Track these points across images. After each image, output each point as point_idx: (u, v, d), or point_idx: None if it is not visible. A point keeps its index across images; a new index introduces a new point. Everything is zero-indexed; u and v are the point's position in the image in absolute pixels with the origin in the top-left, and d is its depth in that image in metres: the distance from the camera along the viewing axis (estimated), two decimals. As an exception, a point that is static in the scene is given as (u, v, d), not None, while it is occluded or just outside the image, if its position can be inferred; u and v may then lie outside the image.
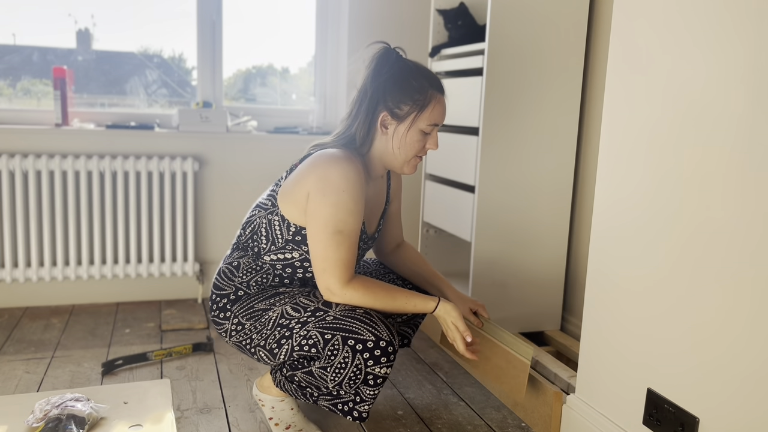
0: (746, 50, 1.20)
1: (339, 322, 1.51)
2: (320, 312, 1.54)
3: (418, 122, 1.59)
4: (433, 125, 1.62)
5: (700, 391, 1.32)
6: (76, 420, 1.61)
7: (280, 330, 1.57)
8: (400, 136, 1.60)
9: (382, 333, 1.49)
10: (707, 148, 1.28)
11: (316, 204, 1.53)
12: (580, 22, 2.21)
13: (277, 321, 1.58)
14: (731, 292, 1.24)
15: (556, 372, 1.94)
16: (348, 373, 1.50)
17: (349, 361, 1.49)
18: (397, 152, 1.62)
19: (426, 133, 1.62)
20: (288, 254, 1.64)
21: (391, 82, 1.59)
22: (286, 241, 1.63)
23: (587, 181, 2.30)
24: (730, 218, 1.24)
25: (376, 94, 1.59)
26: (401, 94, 1.58)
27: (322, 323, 1.52)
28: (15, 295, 2.71)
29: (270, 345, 1.59)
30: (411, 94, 1.58)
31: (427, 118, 1.60)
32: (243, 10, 2.98)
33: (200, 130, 2.79)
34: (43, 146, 2.64)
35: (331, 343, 1.50)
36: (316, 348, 1.52)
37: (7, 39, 2.74)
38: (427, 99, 1.59)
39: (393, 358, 1.50)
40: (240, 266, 1.67)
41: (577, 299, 2.38)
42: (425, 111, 1.59)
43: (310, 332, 1.53)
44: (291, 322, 1.56)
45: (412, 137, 1.60)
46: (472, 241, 2.25)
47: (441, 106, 1.62)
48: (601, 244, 1.60)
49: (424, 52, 3.07)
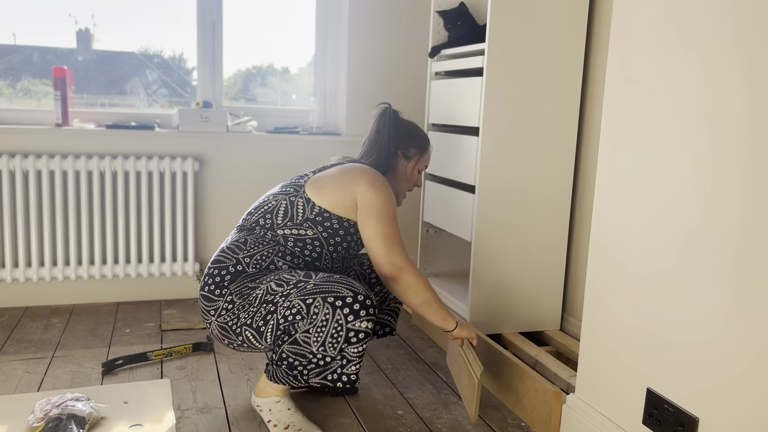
0: (746, 51, 1.20)
1: (319, 287, 1.66)
2: (301, 283, 1.68)
3: (420, 163, 2.05)
4: (425, 167, 2.08)
5: (700, 391, 1.32)
6: (77, 420, 1.61)
7: (265, 306, 1.69)
8: (408, 172, 2.05)
9: (359, 289, 1.65)
10: (707, 149, 1.29)
11: (372, 197, 1.81)
12: (580, 22, 2.21)
13: (263, 298, 1.70)
14: (731, 292, 1.24)
15: (556, 372, 1.94)
16: (330, 330, 1.63)
17: (330, 317, 1.63)
18: (401, 184, 2.05)
19: (419, 173, 2.08)
20: (303, 231, 1.80)
21: (403, 132, 2.03)
22: (306, 219, 1.80)
23: (587, 181, 2.30)
24: (729, 219, 1.24)
25: (392, 134, 2.01)
26: (410, 141, 2.03)
27: (303, 291, 1.66)
28: (15, 294, 2.71)
29: (257, 323, 1.70)
30: (417, 143, 2.05)
31: (425, 160, 2.07)
32: (243, 10, 2.98)
33: (200, 130, 2.79)
34: (44, 146, 2.64)
35: (313, 305, 1.64)
36: (300, 314, 1.65)
37: (7, 39, 2.74)
38: (425, 146, 2.06)
39: (372, 312, 1.65)
40: (247, 242, 1.80)
41: (577, 299, 2.38)
42: (425, 155, 2.06)
43: (293, 302, 1.66)
44: (275, 297, 1.68)
45: (413, 174, 2.06)
46: (472, 241, 2.25)
47: (429, 155, 2.11)
48: (601, 244, 1.60)
49: (424, 52, 3.07)
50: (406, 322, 2.71)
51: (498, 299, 2.30)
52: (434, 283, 2.62)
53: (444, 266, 2.77)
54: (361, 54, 3.01)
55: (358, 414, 1.87)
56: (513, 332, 2.33)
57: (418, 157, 2.03)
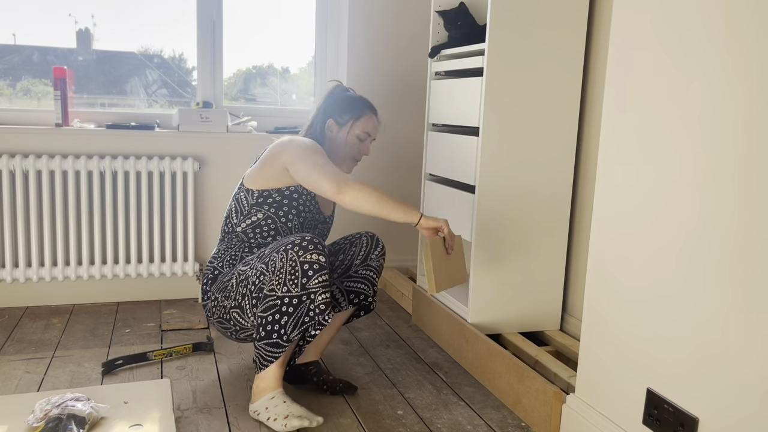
0: (746, 52, 1.20)
1: (274, 247, 1.80)
2: (261, 252, 1.84)
3: (354, 129, 2.07)
4: (366, 134, 2.09)
5: (700, 391, 1.32)
6: (77, 420, 1.61)
7: (241, 285, 1.86)
8: (342, 139, 2.08)
9: (305, 235, 1.78)
10: (707, 149, 1.29)
11: (293, 149, 1.90)
12: (580, 22, 2.21)
13: (237, 281, 1.87)
14: (731, 292, 1.24)
15: (556, 372, 1.94)
16: (286, 269, 1.73)
17: (284, 259, 1.74)
18: (339, 152, 2.08)
19: (361, 140, 2.09)
20: (253, 217, 1.96)
21: (338, 100, 2.11)
22: (251, 206, 1.96)
23: (587, 181, 2.30)
24: (729, 218, 1.24)
25: (325, 109, 2.10)
26: (343, 108, 2.09)
27: (261, 256, 1.82)
28: (15, 294, 2.71)
29: (237, 301, 1.86)
30: (350, 109, 2.09)
31: (361, 126, 2.08)
32: (243, 10, 2.98)
33: (200, 130, 2.79)
34: (44, 146, 2.64)
35: (269, 260, 1.77)
36: (264, 273, 1.78)
37: (7, 39, 2.74)
38: (361, 113, 2.09)
39: (321, 248, 1.76)
40: (219, 250, 2.02)
41: (577, 299, 2.38)
42: (360, 121, 2.08)
43: (256, 267, 1.81)
44: (244, 275, 1.85)
45: (350, 141, 2.08)
46: (472, 241, 2.25)
47: (372, 121, 2.11)
48: (601, 244, 1.60)
49: (424, 52, 3.07)
50: (406, 322, 2.71)
51: (498, 299, 2.30)
52: (434, 283, 2.63)
53: (444, 266, 2.77)
54: (361, 54, 3.01)
55: (358, 414, 1.87)
56: (513, 332, 2.33)
57: (351, 122, 2.06)
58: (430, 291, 1.88)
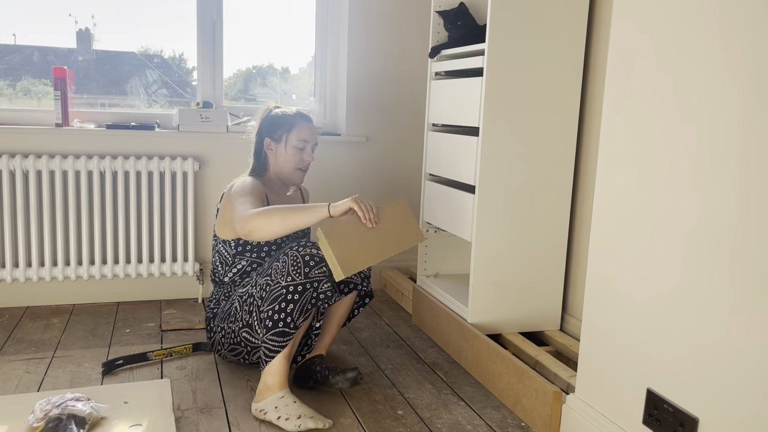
0: (743, 54, 1.20)
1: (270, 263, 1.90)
2: (259, 271, 1.95)
3: (290, 140, 2.15)
4: (303, 141, 2.16)
5: (700, 391, 1.32)
6: (77, 420, 1.61)
7: (246, 304, 1.93)
8: (282, 153, 2.16)
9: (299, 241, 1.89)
10: (707, 149, 1.29)
11: (231, 202, 2.00)
12: (580, 22, 2.21)
13: (240, 303, 1.96)
14: (731, 292, 1.24)
15: (556, 372, 1.94)
16: (288, 263, 1.81)
17: (286, 258, 1.83)
18: (284, 165, 2.16)
19: (300, 149, 2.16)
20: (238, 265, 2.09)
21: (270, 120, 2.20)
22: (233, 256, 2.09)
23: (587, 181, 2.30)
24: (729, 219, 1.24)
25: (260, 131, 2.19)
26: (275, 124, 2.18)
27: (260, 273, 1.91)
28: (15, 294, 2.71)
29: (245, 320, 1.94)
30: (282, 123, 2.17)
31: (295, 135, 2.15)
32: (243, 10, 2.98)
33: (200, 130, 2.79)
34: (44, 146, 2.64)
35: (272, 270, 1.85)
36: (269, 284, 1.84)
37: (7, 39, 2.74)
38: (293, 123, 2.16)
39: (317, 247, 1.85)
40: (213, 295, 2.17)
41: (577, 299, 2.38)
42: (293, 131, 2.15)
43: (257, 283, 1.89)
44: (246, 294, 1.94)
45: (290, 152, 2.16)
46: (472, 241, 2.25)
47: (305, 128, 2.18)
48: (601, 244, 1.60)
49: (424, 52, 3.07)
50: (406, 322, 2.71)
51: (498, 299, 2.30)
52: (434, 282, 2.62)
53: (444, 266, 2.77)
54: (361, 54, 3.01)
55: (358, 414, 1.87)
56: (513, 332, 2.33)
57: (286, 134, 2.15)
58: (337, 277, 1.77)
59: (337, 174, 3.07)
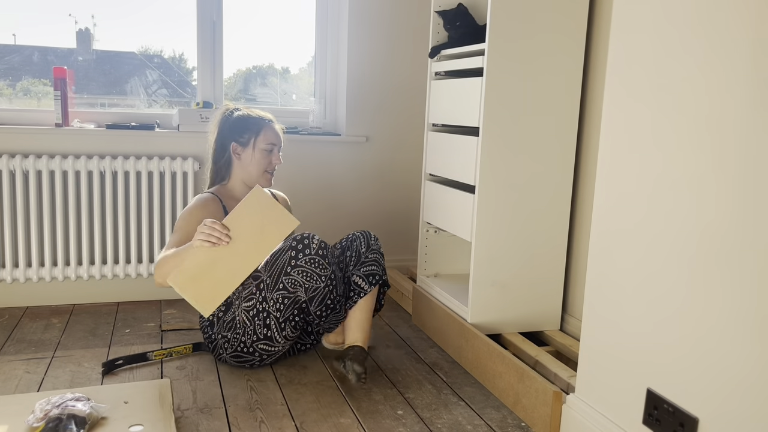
0: (745, 52, 1.20)
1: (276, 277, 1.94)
2: (261, 285, 1.98)
3: (258, 143, 2.15)
4: (271, 144, 2.17)
5: (700, 391, 1.32)
6: (77, 420, 1.61)
7: (257, 319, 1.98)
8: (249, 156, 2.15)
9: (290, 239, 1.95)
10: (707, 149, 1.29)
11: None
12: (580, 22, 2.21)
13: (248, 316, 1.99)
14: (731, 292, 1.24)
15: (556, 372, 1.94)
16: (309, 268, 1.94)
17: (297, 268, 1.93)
18: (252, 170, 2.16)
19: (268, 151, 2.16)
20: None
21: (233, 123, 2.16)
22: None
23: (587, 181, 2.30)
24: (730, 218, 1.24)
25: (223, 135, 2.16)
26: (241, 128, 2.15)
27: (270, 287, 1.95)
28: (15, 294, 2.71)
29: (262, 333, 1.99)
30: (248, 126, 2.15)
31: (263, 138, 2.15)
32: (243, 10, 2.98)
33: (200, 130, 2.79)
34: (44, 146, 2.64)
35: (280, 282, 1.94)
36: (288, 298, 1.94)
37: (7, 39, 2.74)
38: (260, 126, 2.15)
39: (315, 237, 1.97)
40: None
41: (577, 299, 2.38)
42: (261, 134, 2.15)
43: (273, 297, 1.94)
44: (256, 307, 1.97)
45: (258, 156, 2.15)
46: (472, 241, 2.25)
47: (272, 130, 2.17)
48: (601, 244, 1.60)
49: (424, 52, 3.07)
50: (406, 321, 2.71)
51: (498, 299, 2.30)
52: (434, 282, 2.63)
53: (444, 266, 2.77)
54: (361, 54, 3.01)
55: (358, 414, 1.87)
56: (513, 332, 2.33)
57: (253, 138, 2.14)
58: (205, 314, 1.86)
59: (337, 174, 3.07)
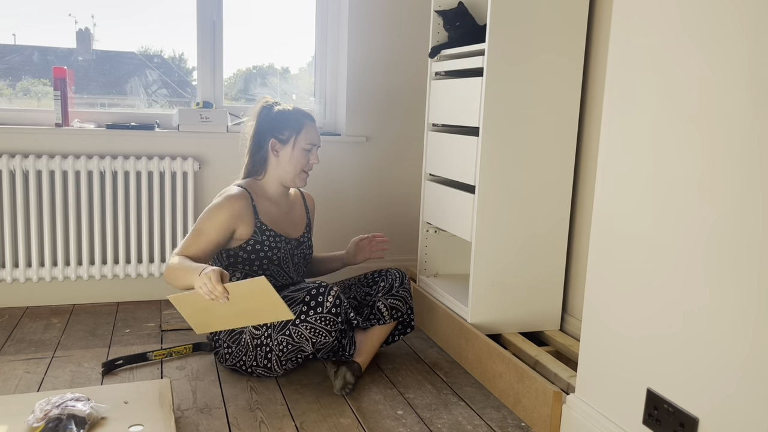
0: (745, 52, 1.20)
1: (284, 323, 1.92)
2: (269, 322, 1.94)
3: (299, 142, 2.11)
4: (311, 144, 2.14)
5: (700, 391, 1.32)
6: (77, 420, 1.61)
7: (259, 350, 1.98)
8: (288, 155, 2.11)
9: (309, 287, 1.92)
10: (706, 150, 1.29)
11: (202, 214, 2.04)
12: (580, 22, 2.21)
13: (251, 343, 1.99)
14: (731, 292, 1.24)
15: (556, 372, 1.94)
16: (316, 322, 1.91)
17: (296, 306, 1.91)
18: (289, 168, 2.12)
19: (307, 151, 2.14)
20: (233, 277, 2.09)
21: (273, 118, 2.13)
22: (226, 267, 2.10)
23: (587, 181, 2.30)
24: (730, 218, 1.24)
25: (262, 130, 2.13)
26: (282, 124, 2.11)
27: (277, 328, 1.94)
28: (15, 295, 2.71)
29: (262, 363, 2.00)
30: (289, 123, 2.11)
31: (304, 138, 2.12)
32: (243, 10, 2.98)
33: (200, 130, 2.79)
34: (44, 146, 2.64)
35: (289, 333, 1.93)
36: (293, 345, 1.94)
37: (7, 39, 2.74)
38: (301, 124, 2.12)
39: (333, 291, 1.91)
40: None
41: (577, 299, 2.38)
42: (302, 133, 2.11)
43: (278, 338, 1.94)
44: (260, 338, 1.96)
45: (297, 155, 2.12)
46: (472, 241, 2.25)
47: (313, 130, 2.15)
48: (601, 245, 1.60)
49: (424, 52, 3.07)
50: (406, 322, 2.71)
51: (498, 299, 2.30)
52: (434, 282, 2.62)
53: (444, 266, 2.77)
54: (361, 54, 3.01)
55: (358, 414, 1.87)
56: (513, 332, 2.33)
57: (294, 136, 2.11)
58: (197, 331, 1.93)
59: (337, 174, 3.07)
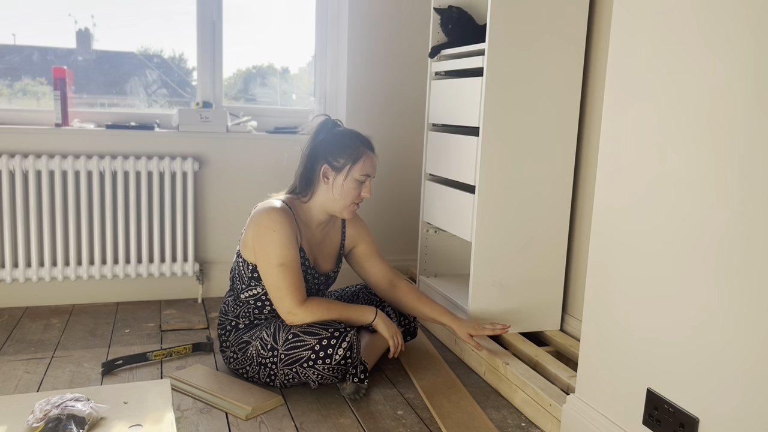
0: (746, 52, 1.20)
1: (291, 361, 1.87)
2: (275, 351, 1.89)
3: (353, 173, 1.95)
4: (366, 176, 1.98)
5: (700, 391, 1.32)
6: (76, 420, 1.61)
7: (263, 369, 1.94)
8: (339, 184, 1.95)
9: (321, 335, 1.84)
10: (707, 149, 1.29)
11: (258, 246, 1.89)
12: (580, 22, 2.21)
13: (256, 360, 1.94)
14: (731, 292, 1.24)
15: (556, 372, 1.94)
16: (323, 370, 1.85)
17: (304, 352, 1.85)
18: (338, 198, 1.97)
19: (360, 182, 1.97)
20: (253, 290, 1.99)
21: (330, 141, 1.97)
22: (249, 279, 1.99)
23: (587, 181, 2.30)
24: (729, 218, 1.24)
25: (316, 151, 1.97)
26: (338, 149, 1.95)
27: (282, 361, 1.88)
28: (15, 295, 2.71)
29: (264, 380, 1.96)
30: (346, 150, 1.95)
31: (360, 169, 1.96)
32: (243, 10, 2.98)
33: (200, 130, 2.79)
34: (43, 146, 2.64)
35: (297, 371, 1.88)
36: (296, 379, 1.91)
37: (7, 39, 2.74)
38: (359, 153, 1.96)
39: (346, 336, 1.83)
40: (229, 304, 2.05)
41: (577, 299, 2.38)
42: (358, 163, 1.95)
43: (283, 370, 1.90)
44: (266, 360, 1.91)
45: (348, 185, 1.96)
46: (472, 241, 2.25)
47: (371, 161, 1.99)
48: (601, 245, 1.60)
49: (424, 52, 3.07)
50: (406, 322, 2.71)
51: (498, 299, 2.30)
52: (434, 282, 2.62)
53: (444, 266, 2.77)
54: (361, 54, 3.01)
55: (358, 414, 1.87)
56: (513, 332, 2.33)
57: (349, 165, 1.95)
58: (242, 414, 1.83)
59: (337, 174, 3.07)
